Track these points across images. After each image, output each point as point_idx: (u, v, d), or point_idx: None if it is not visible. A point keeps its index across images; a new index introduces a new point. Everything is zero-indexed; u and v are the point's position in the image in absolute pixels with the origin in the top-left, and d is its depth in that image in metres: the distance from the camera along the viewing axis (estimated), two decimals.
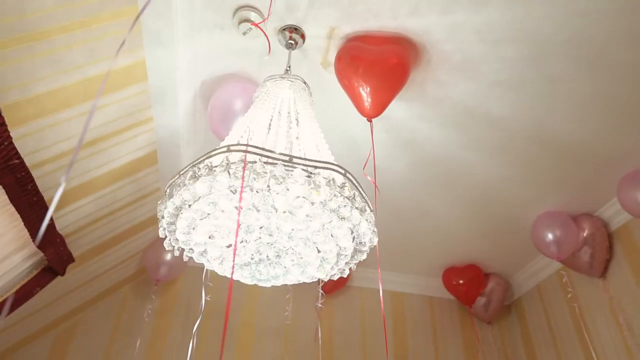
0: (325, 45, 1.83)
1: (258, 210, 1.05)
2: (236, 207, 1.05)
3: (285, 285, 2.93)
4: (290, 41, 1.75)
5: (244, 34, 1.72)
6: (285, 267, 1.14)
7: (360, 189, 1.11)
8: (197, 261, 1.31)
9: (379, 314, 3.28)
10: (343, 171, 1.09)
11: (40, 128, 1.64)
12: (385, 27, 1.74)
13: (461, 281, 3.24)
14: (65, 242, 2.02)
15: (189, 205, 1.08)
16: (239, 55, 1.88)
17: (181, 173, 1.09)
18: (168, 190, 1.16)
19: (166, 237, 1.23)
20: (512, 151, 2.29)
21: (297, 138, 1.28)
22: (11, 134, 1.39)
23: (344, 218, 1.08)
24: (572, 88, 1.92)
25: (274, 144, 1.17)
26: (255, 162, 1.00)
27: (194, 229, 1.16)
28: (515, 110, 2.05)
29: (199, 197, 1.05)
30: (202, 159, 1.07)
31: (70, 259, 2.12)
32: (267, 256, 1.11)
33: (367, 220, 1.12)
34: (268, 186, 1.00)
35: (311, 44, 1.81)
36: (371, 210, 1.13)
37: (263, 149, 1.02)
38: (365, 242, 1.19)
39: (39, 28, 1.39)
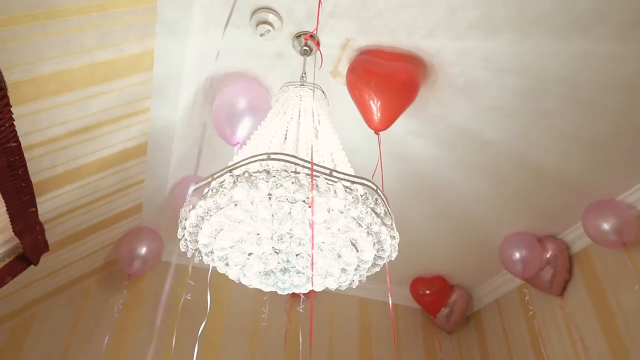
0: (337, 55, 1.85)
1: (293, 220, 1.05)
2: (272, 215, 1.04)
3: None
4: (305, 47, 1.75)
5: (262, 35, 1.71)
6: (308, 277, 1.15)
7: (388, 206, 1.14)
8: (209, 263, 1.29)
9: (346, 320, 3.33)
10: (375, 187, 1.11)
11: (37, 110, 1.55)
12: (399, 44, 1.79)
13: (428, 291, 3.36)
14: (44, 231, 1.91)
15: (220, 210, 1.06)
16: (249, 55, 1.86)
17: (215, 177, 1.07)
18: (191, 193, 1.14)
19: (184, 237, 1.20)
20: (494, 173, 2.41)
21: (317, 151, 1.29)
22: None
23: (372, 233, 1.10)
24: (560, 123, 2.05)
25: (304, 156, 1.17)
26: (299, 172, 1.00)
27: (218, 233, 1.14)
28: (505, 136, 2.16)
29: (235, 203, 1.04)
30: (238, 165, 1.05)
31: (45, 248, 2.00)
32: (294, 266, 1.11)
33: (391, 237, 1.15)
34: (307, 198, 1.01)
35: (324, 52, 1.82)
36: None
37: (306, 160, 1.03)
38: (383, 257, 1.22)
39: (57, 6, 1.32)
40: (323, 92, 1.53)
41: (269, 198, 1.02)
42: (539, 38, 1.71)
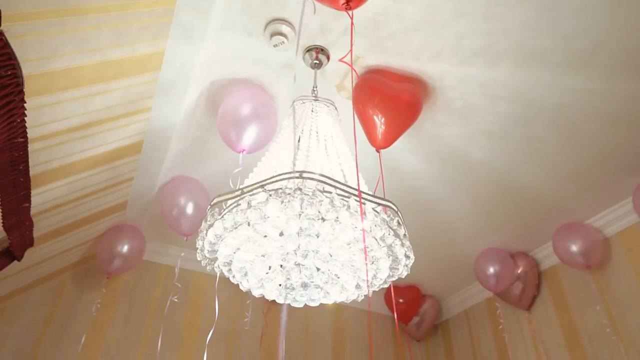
0: (345, 71, 1.89)
1: (318, 237, 1.08)
2: (298, 232, 1.07)
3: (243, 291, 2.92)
4: (315, 61, 1.79)
5: (275, 46, 1.73)
6: (325, 292, 1.18)
7: (405, 227, 1.19)
8: (221, 273, 1.30)
9: (321, 325, 3.37)
10: (396, 209, 1.16)
11: (41, 105, 1.50)
12: (406, 66, 1.85)
13: (401, 300, 3.45)
14: (33, 227, 1.84)
15: (248, 224, 1.08)
16: (258, 63, 1.87)
17: (245, 191, 1.09)
18: (213, 206, 1.15)
19: (202, 247, 1.21)
20: (477, 191, 2.53)
21: (330, 168, 1.32)
22: None
23: (392, 253, 1.15)
24: (544, 149, 2.18)
25: (329, 173, 1.21)
26: (330, 192, 1.04)
27: (241, 245, 1.16)
28: (492, 158, 2.27)
29: (266, 218, 1.06)
30: (271, 181, 1.07)
31: (31, 243, 1.94)
32: (314, 281, 1.14)
33: (406, 256, 1.20)
34: (337, 218, 1.05)
35: (332, 66, 1.86)
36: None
37: (336, 180, 1.06)
38: (394, 275, 1.27)
39: (79, 4, 1.29)
40: (335, 107, 1.57)
41: (299, 216, 1.04)
42: (536, 70, 1.82)
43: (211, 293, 3.07)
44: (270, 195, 1.03)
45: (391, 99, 1.82)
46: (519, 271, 3.01)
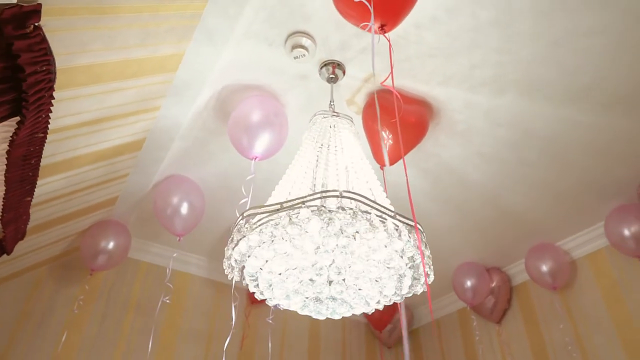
0: (358, 87, 1.94)
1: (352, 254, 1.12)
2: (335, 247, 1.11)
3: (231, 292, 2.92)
4: (331, 75, 1.82)
5: (295, 58, 1.75)
6: (350, 305, 1.22)
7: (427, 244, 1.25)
8: (243, 282, 1.32)
9: (298, 329, 3.40)
10: (422, 229, 1.22)
11: (59, 99, 1.45)
12: (416, 88, 1.92)
13: None
14: (28, 221, 1.78)
15: (287, 238, 1.11)
16: (273, 72, 1.88)
17: (285, 206, 1.11)
18: (246, 217, 1.17)
19: (230, 258, 1.22)
20: (465, 208, 2.64)
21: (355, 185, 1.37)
22: None
23: (417, 275, 1.21)
24: (533, 172, 2.31)
25: (346, 185, 1.25)
26: (369, 212, 1.08)
27: (267, 260, 1.18)
28: (484, 178, 2.38)
29: (304, 234, 1.09)
30: (309, 198, 1.10)
31: (22, 237, 1.87)
32: (342, 297, 1.18)
33: (429, 272, 1.26)
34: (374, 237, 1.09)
35: (346, 82, 1.91)
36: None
37: (374, 201, 1.11)
38: (411, 291, 1.33)
39: (114, 3, 1.27)
40: (353, 122, 1.62)
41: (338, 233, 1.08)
42: (536, 101, 1.93)
43: (192, 293, 3.04)
44: (313, 212, 1.06)
45: (400, 119, 1.89)
46: (492, 285, 3.15)
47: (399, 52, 1.77)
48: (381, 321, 3.56)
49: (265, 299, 1.33)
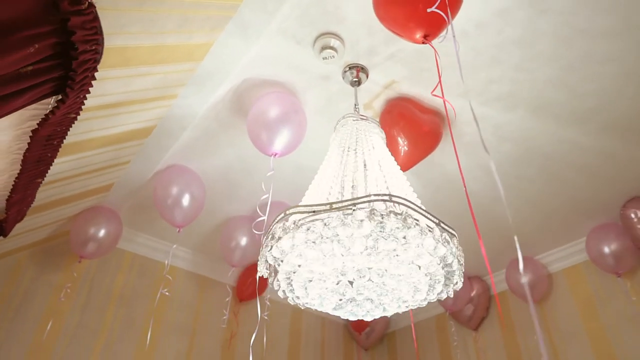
0: (377, 92, 1.97)
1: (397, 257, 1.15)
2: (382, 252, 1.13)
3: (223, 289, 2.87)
4: (355, 79, 1.84)
5: (324, 58, 1.76)
6: (385, 309, 1.24)
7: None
8: (273, 283, 1.31)
9: (279, 328, 3.39)
10: (454, 232, 1.26)
11: None
12: (432, 98, 1.97)
13: None
14: (32, 204, 1.70)
15: (335, 238, 1.11)
16: (296, 70, 1.88)
17: (335, 207, 1.12)
18: (287, 215, 1.17)
19: (264, 256, 1.22)
20: (458, 216, 2.70)
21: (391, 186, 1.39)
22: None
23: (451, 280, 1.25)
24: (530, 188, 2.41)
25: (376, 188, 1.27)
26: (418, 220, 1.11)
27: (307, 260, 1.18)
28: (482, 189, 2.46)
29: (352, 236, 1.10)
30: (359, 201, 1.11)
31: (21, 219, 1.77)
32: (380, 299, 1.20)
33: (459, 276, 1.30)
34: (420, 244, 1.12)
35: (367, 86, 1.93)
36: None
37: (421, 207, 1.14)
38: (442, 294, 1.36)
39: None
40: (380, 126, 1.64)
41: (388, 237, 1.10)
42: (544, 120, 2.02)
43: (177, 286, 2.97)
44: (366, 215, 1.07)
45: (415, 127, 1.93)
46: (472, 293, 3.26)
47: (424, 61, 1.81)
48: (361, 323, 3.61)
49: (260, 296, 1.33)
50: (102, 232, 2.41)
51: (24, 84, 0.98)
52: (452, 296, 1.34)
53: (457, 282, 1.27)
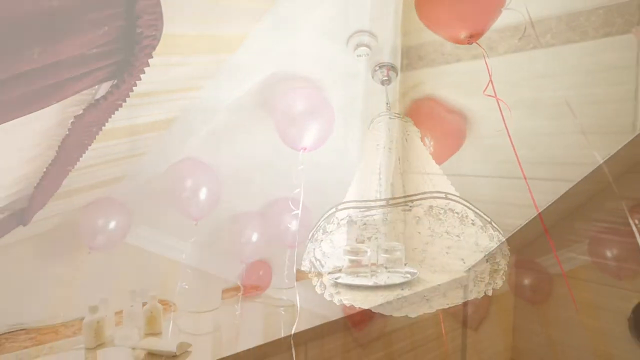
0: (402, 91, 1.98)
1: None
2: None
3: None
4: (385, 78, 1.85)
5: (358, 56, 1.76)
6: (431, 306, 1.25)
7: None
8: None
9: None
10: (502, 233, 1.28)
11: None
12: (458, 100, 1.99)
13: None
14: (56, 191, 1.64)
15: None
16: (325, 66, 1.88)
17: (390, 202, 1.12)
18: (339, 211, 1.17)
19: (312, 252, 1.21)
20: None
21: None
22: None
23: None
24: (538, 196, 2.46)
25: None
26: (473, 218, 1.12)
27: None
28: (492, 195, 2.50)
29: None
30: (415, 198, 1.12)
31: (41, 208, 1.72)
32: (427, 295, 1.21)
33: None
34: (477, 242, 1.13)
35: (393, 85, 1.94)
36: None
37: (474, 206, 1.15)
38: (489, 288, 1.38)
39: None
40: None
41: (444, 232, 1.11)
42: (562, 128, 2.07)
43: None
44: (425, 212, 1.07)
45: (441, 127, 1.95)
46: None
47: (450, 63, 1.83)
48: (359, 321, 3.61)
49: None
50: (111, 225, 2.35)
51: (88, 67, 0.95)
52: (490, 295, 1.36)
53: (498, 282, 1.29)
